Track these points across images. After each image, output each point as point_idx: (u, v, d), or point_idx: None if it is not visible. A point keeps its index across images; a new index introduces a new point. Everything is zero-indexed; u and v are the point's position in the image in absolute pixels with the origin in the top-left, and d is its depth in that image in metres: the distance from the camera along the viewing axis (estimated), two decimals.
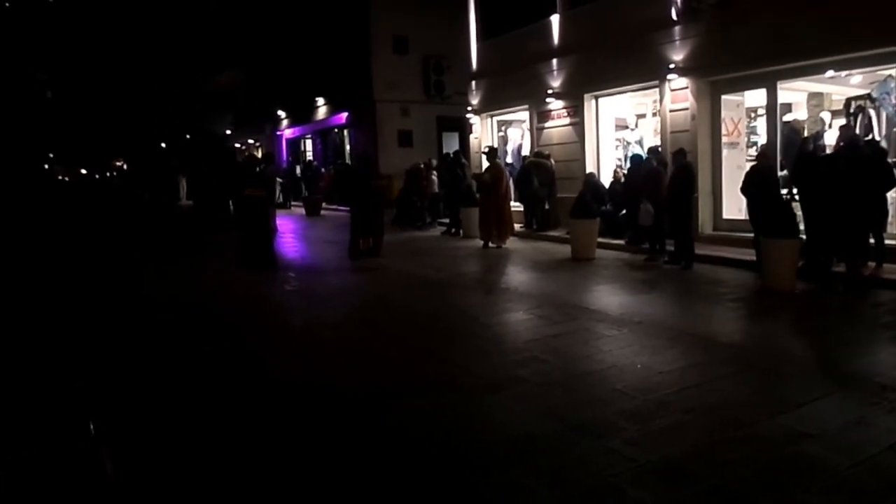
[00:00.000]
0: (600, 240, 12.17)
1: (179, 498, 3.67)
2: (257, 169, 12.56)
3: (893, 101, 10.11)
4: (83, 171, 67.18)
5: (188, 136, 46.24)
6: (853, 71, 10.57)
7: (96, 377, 5.70)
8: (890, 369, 5.45)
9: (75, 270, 11.89)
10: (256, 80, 35.32)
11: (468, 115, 19.29)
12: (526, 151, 17.09)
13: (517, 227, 14.68)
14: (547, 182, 14.90)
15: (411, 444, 4.21)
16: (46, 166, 64.34)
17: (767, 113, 11.66)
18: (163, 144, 51.34)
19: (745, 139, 12.81)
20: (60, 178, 63.25)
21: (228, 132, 40.56)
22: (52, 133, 58.53)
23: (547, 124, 16.20)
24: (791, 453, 3.90)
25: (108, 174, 61.34)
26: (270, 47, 32.58)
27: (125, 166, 57.39)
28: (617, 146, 15.52)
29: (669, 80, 12.67)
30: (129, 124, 56.32)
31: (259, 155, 28.44)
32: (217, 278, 10.82)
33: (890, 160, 9.37)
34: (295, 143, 34.63)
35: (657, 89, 13.17)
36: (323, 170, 27.79)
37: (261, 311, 8.54)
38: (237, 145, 38.47)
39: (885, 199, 9.02)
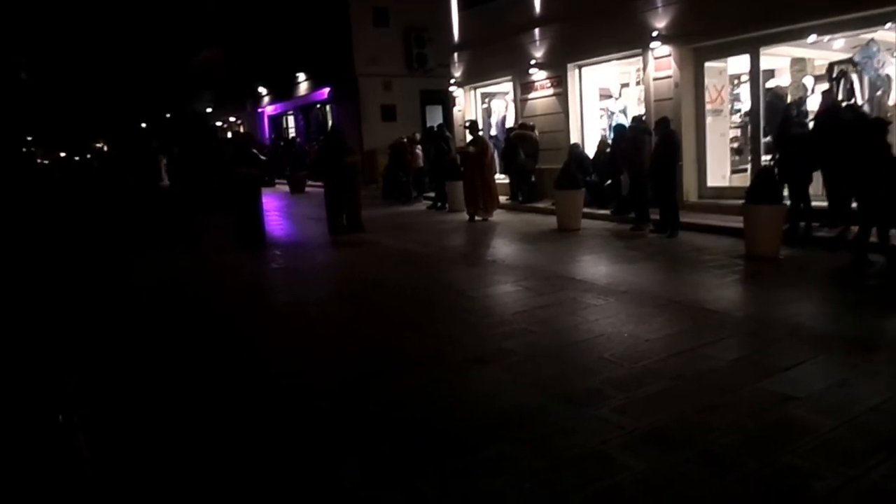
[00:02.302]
0: (586, 210, 12.17)
1: (166, 482, 3.66)
2: (252, 148, 12.49)
3: (875, 65, 10.12)
4: (62, 154, 66.32)
5: (168, 116, 45.66)
6: (835, 35, 10.56)
7: (84, 363, 5.67)
8: (872, 332, 5.51)
9: (63, 256, 11.80)
10: (236, 56, 34.82)
11: (451, 88, 19.12)
12: (510, 123, 17.02)
13: (503, 199, 14.65)
14: (532, 153, 14.86)
15: (400, 417, 4.21)
16: (25, 150, 63.35)
17: (751, 79, 11.65)
18: (143, 125, 50.67)
19: (729, 106, 12.80)
20: (39, 161, 62.37)
21: (209, 110, 40.07)
22: (29, 116, 57.51)
23: (531, 95, 16.10)
24: (777, 417, 3.94)
25: (87, 156, 60.57)
26: (250, 23, 32.08)
27: (105, 148, 56.66)
28: (601, 116, 15.48)
29: (652, 49, 12.60)
30: (107, 105, 55.47)
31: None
32: (203, 258, 10.76)
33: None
34: (277, 120, 34.29)
35: (640, 58, 13.10)
36: (307, 146, 27.57)
37: (247, 289, 8.51)
38: (218, 123, 38.04)
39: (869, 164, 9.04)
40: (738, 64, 12.16)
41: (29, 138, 63.75)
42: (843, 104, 9.83)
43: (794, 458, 3.44)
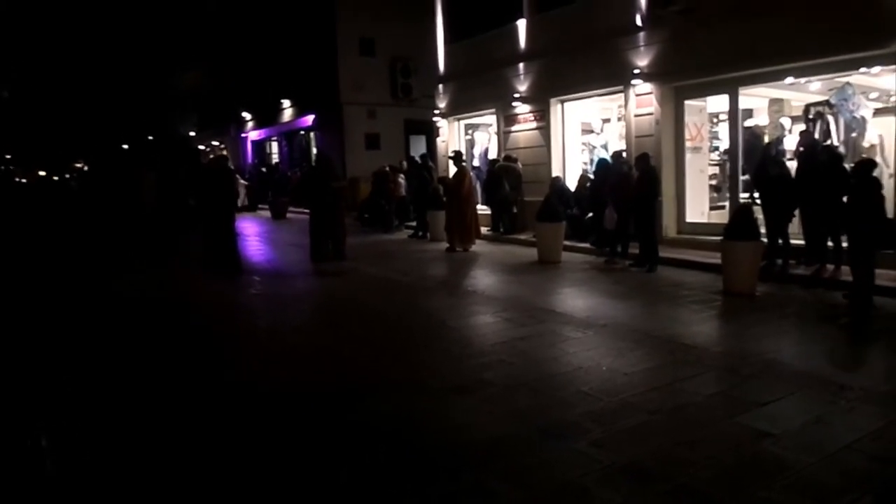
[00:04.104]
0: (566, 243, 12.23)
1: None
2: (227, 172, 12.39)
3: (851, 108, 10.35)
4: (42, 173, 65.71)
5: (150, 138, 45.53)
6: (812, 78, 10.79)
7: (58, 388, 5.57)
8: (847, 369, 5.57)
9: (40, 274, 11.64)
10: (221, 81, 34.90)
11: (435, 119, 19.29)
12: (493, 155, 17.15)
13: (484, 230, 14.70)
14: (515, 185, 14.98)
15: (378, 446, 4.17)
16: (3, 168, 62.71)
17: (729, 118, 11.87)
18: (125, 146, 50.44)
19: (708, 144, 13.01)
20: (18, 179, 61.69)
21: (192, 134, 40.01)
22: (9, 134, 57.08)
23: (514, 128, 16.27)
24: (753, 452, 3.95)
25: (66, 176, 60.01)
26: (235, 48, 32.23)
27: (85, 168, 56.21)
28: (583, 150, 15.66)
29: (634, 86, 12.81)
30: (89, 125, 55.21)
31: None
32: (182, 282, 10.66)
33: (847, 165, 9.59)
34: (260, 146, 34.29)
35: (622, 94, 13.31)
36: (289, 173, 27.56)
37: (226, 315, 8.42)
38: (201, 147, 37.97)
39: (841, 203, 9.21)
40: (718, 103, 12.39)
41: (8, 156, 63.21)
42: (820, 145, 10.04)
43: (770, 493, 3.44)
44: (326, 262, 11.93)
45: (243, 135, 34.64)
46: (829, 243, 9.26)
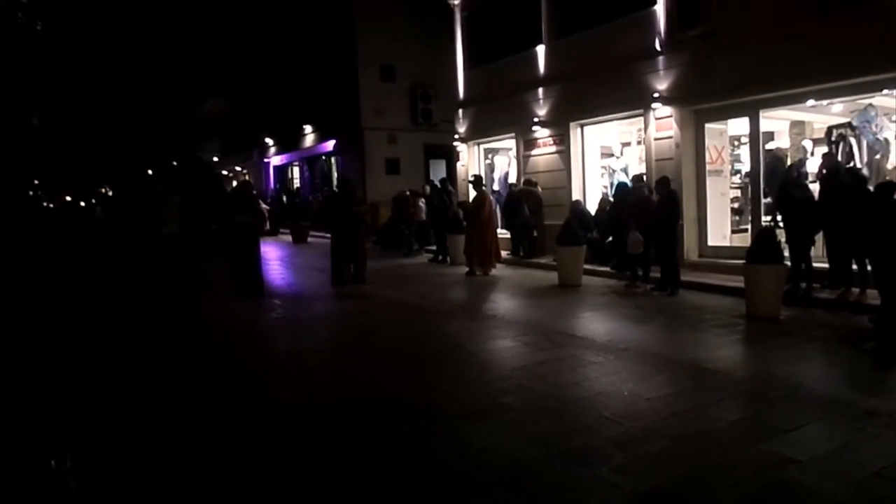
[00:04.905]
0: (587, 267, 12.19)
1: None
2: (252, 196, 12.54)
3: (873, 130, 10.27)
4: (68, 198, 66.85)
5: (175, 163, 46.18)
6: (834, 100, 10.74)
7: (79, 410, 5.62)
8: (874, 394, 5.46)
9: (63, 296, 11.79)
10: (244, 107, 35.42)
11: (455, 143, 19.42)
12: (513, 179, 17.20)
13: (504, 254, 14.69)
14: (536, 209, 14.99)
15: (397, 470, 4.16)
16: (31, 193, 63.87)
17: (750, 141, 11.82)
18: (149, 171, 51.20)
19: (729, 167, 12.95)
20: (45, 204, 62.79)
21: (215, 159, 40.55)
22: (37, 159, 58.21)
23: (533, 152, 16.32)
24: (778, 479, 3.89)
25: (92, 201, 61.00)
26: (258, 75, 32.75)
27: (110, 193, 57.10)
28: (602, 174, 15.66)
29: (654, 109, 12.82)
30: (115, 151, 56.19)
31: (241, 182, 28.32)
32: (203, 305, 10.74)
33: (871, 187, 9.49)
34: (282, 171, 34.66)
35: (642, 118, 13.32)
36: (311, 197, 27.79)
37: (247, 338, 8.46)
38: (224, 172, 38.45)
39: (865, 226, 9.09)
40: (738, 126, 12.35)
41: (35, 181, 64.38)
42: (843, 167, 9.95)
43: None
44: (347, 286, 11.99)
45: (265, 160, 35.05)
46: (854, 266, 9.15)
